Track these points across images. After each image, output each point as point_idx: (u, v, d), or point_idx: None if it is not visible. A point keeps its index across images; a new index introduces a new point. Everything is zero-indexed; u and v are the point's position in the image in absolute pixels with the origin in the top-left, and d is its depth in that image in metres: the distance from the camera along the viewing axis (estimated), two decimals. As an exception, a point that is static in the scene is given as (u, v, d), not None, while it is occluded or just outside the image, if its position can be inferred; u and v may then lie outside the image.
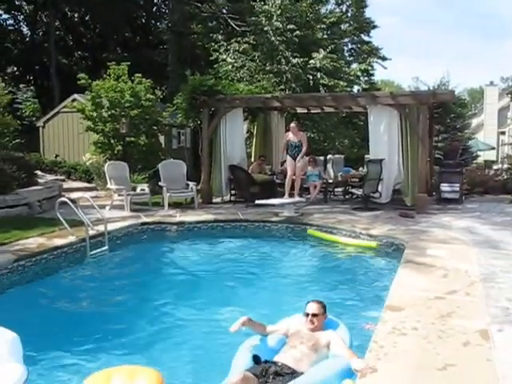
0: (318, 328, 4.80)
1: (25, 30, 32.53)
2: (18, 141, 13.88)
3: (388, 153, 12.80)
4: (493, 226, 10.45)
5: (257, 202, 12.59)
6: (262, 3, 21.19)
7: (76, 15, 32.69)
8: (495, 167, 21.37)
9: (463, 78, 66.67)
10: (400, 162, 12.76)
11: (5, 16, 30.88)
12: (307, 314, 4.83)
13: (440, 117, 17.67)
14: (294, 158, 12.69)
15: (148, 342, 5.52)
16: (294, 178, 12.81)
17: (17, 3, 30.57)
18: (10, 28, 31.37)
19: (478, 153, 27.57)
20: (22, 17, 31.83)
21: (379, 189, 12.79)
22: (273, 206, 12.20)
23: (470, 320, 5.16)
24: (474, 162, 22.55)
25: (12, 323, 3.95)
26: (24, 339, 3.82)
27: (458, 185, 13.72)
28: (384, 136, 12.84)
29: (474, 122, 44.37)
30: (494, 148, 33.42)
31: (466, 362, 4.24)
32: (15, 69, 32.23)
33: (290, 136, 12.80)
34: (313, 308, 4.86)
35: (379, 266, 8.45)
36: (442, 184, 13.84)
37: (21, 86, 29.22)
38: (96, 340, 5.46)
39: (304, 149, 12.61)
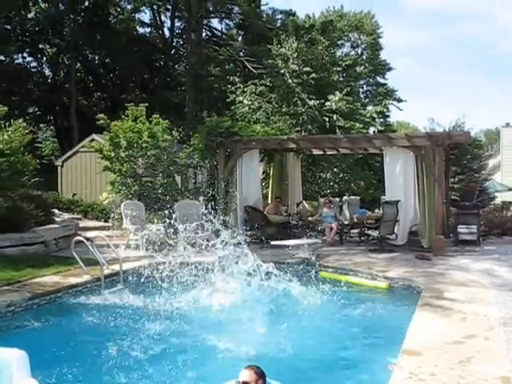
0: None
1: (47, 72, 33.31)
2: (36, 179, 14.02)
3: (404, 194, 12.76)
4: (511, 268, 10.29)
5: (273, 242, 12.57)
6: (279, 46, 21.54)
7: (96, 58, 33.46)
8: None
9: (479, 118, 66.83)
10: (416, 203, 12.72)
11: (29, 59, 31.71)
12: (238, 383, 4.31)
13: (456, 158, 17.59)
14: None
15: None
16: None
17: (40, 46, 31.38)
18: (33, 70, 32.10)
19: (495, 194, 27.39)
20: (44, 59, 32.61)
21: (395, 230, 12.71)
22: (288, 247, 12.16)
23: (491, 366, 5.04)
24: (492, 203, 22.35)
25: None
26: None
27: (475, 226, 13.58)
28: (400, 177, 12.83)
29: (491, 163, 44.12)
30: (511, 189, 33.17)
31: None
32: (36, 109, 32.89)
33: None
34: (243, 375, 4.30)
35: (396, 309, 8.30)
36: (459, 226, 13.71)
37: (41, 125, 29.88)
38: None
39: None
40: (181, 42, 35.29)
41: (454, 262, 11.03)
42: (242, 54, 30.69)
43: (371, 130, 25.99)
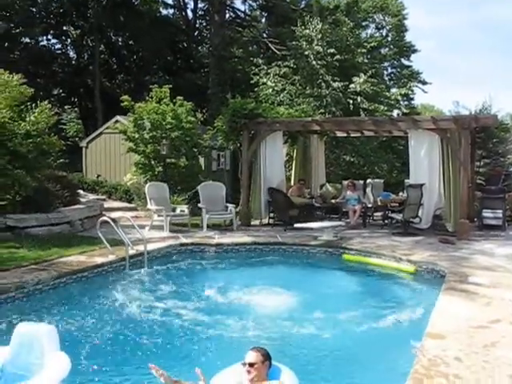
0: (259, 379, 4.31)
1: (71, 54, 33.49)
2: (61, 160, 14.18)
3: (429, 178, 12.65)
4: (538, 254, 10.17)
5: (296, 225, 12.58)
6: (303, 28, 21.35)
7: (120, 39, 33.51)
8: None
9: (506, 102, 65.60)
10: (441, 187, 12.60)
11: (53, 41, 31.89)
12: (244, 364, 4.35)
13: (482, 142, 17.36)
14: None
15: (185, 362, 5.53)
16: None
17: (64, 28, 31.52)
18: (58, 52, 32.29)
19: (521, 179, 26.98)
20: (68, 41, 32.77)
21: (419, 214, 12.62)
22: (312, 229, 12.16)
23: (516, 351, 5.01)
24: (517, 188, 22.07)
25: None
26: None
27: (500, 211, 13.40)
28: (425, 161, 12.71)
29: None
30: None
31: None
32: (61, 91, 33.12)
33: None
34: (249, 357, 4.36)
35: (420, 293, 8.29)
36: (484, 210, 13.54)
37: (66, 107, 30.07)
38: (131, 360, 5.52)
39: None
40: (204, 24, 35.14)
41: (479, 247, 10.93)
42: (265, 35, 30.48)
43: (395, 112, 25.72)
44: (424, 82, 33.90)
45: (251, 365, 4.32)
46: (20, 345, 4.34)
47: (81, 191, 15.56)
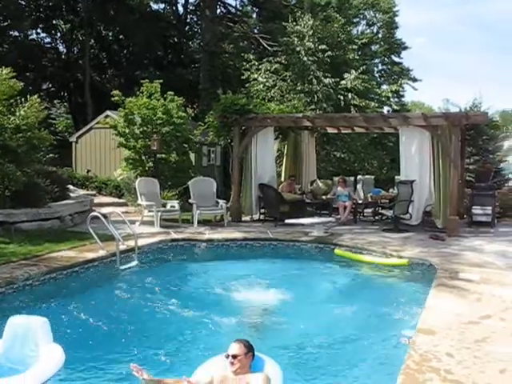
0: (243, 370, 4.37)
1: (61, 48, 33.22)
2: (51, 155, 14.09)
3: (419, 174, 12.70)
4: (527, 250, 10.24)
5: (287, 221, 12.60)
6: (294, 24, 21.32)
7: (110, 34, 33.29)
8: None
9: (494, 99, 65.99)
10: (431, 183, 12.64)
11: (42, 35, 31.63)
12: (227, 356, 4.42)
13: (472, 139, 17.41)
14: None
15: (173, 357, 5.52)
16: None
17: (54, 22, 31.26)
18: (47, 46, 32.04)
19: (510, 176, 27.12)
20: (58, 35, 32.51)
21: (410, 210, 12.67)
22: (302, 225, 12.18)
23: (506, 346, 5.04)
24: (506, 184, 22.15)
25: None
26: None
27: (490, 208, 13.47)
28: (415, 157, 12.75)
29: (506, 144, 43.71)
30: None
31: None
32: (50, 85, 32.89)
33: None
34: (232, 348, 4.43)
35: (410, 289, 8.32)
36: (473, 207, 13.62)
37: (55, 102, 29.88)
38: (119, 355, 5.52)
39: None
40: (195, 19, 34.97)
41: (469, 243, 10.99)
42: (256, 31, 30.41)
43: (385, 109, 25.76)
44: (414, 79, 34.01)
45: (234, 356, 4.37)
46: (13, 337, 4.35)
47: (71, 186, 15.45)
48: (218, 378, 4.35)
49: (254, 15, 34.40)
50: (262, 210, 14.40)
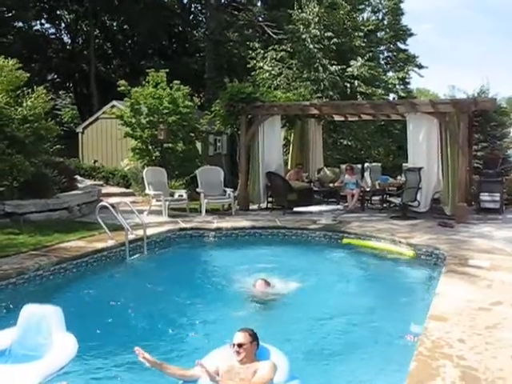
0: (249, 359, 4.40)
1: (65, 38, 33.18)
2: (58, 146, 14.11)
3: (427, 161, 12.64)
4: (535, 236, 10.20)
5: (295, 209, 12.59)
6: (299, 11, 21.16)
7: (115, 24, 33.19)
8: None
9: (501, 86, 65.61)
10: (439, 170, 12.59)
11: (47, 25, 31.57)
12: (233, 345, 4.44)
13: (480, 125, 17.33)
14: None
15: (180, 346, 5.55)
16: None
17: (58, 13, 31.19)
18: (52, 37, 31.99)
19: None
20: (63, 26, 32.46)
21: (418, 197, 12.63)
22: (310, 213, 12.17)
23: (518, 332, 5.04)
24: (513, 171, 22.10)
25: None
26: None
27: (498, 194, 13.41)
28: (423, 144, 12.68)
29: (512, 131, 43.51)
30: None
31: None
32: (55, 76, 32.87)
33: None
34: (238, 337, 4.44)
35: (420, 276, 8.33)
36: (481, 193, 13.54)
37: (60, 92, 29.86)
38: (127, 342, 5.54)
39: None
40: (199, 8, 34.81)
41: (477, 230, 10.96)
42: (261, 19, 30.20)
43: (391, 96, 25.61)
44: (420, 66, 33.75)
45: (240, 345, 4.39)
46: (27, 325, 4.41)
47: (78, 177, 15.47)
48: (224, 368, 4.36)
49: (259, 3, 34.14)
50: (270, 199, 14.39)
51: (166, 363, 4.48)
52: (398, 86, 25.99)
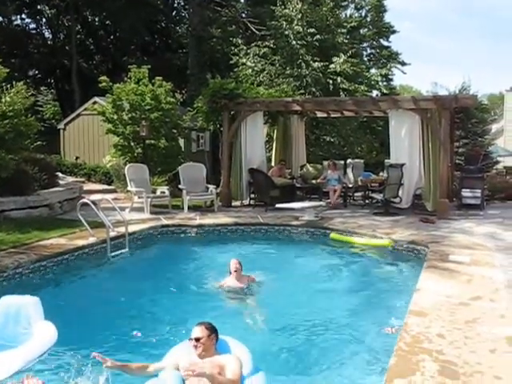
0: (208, 353, 4.34)
1: (46, 33, 32.83)
2: (39, 143, 13.96)
3: (409, 157, 12.70)
4: (516, 232, 10.31)
5: (277, 205, 12.60)
6: (283, 7, 21.15)
7: (96, 19, 32.91)
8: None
9: (483, 83, 66.30)
10: (421, 166, 12.67)
11: (28, 20, 31.21)
12: (190, 339, 4.38)
13: (461, 122, 17.45)
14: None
15: (162, 343, 5.52)
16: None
17: (39, 7, 30.84)
18: (33, 32, 31.64)
19: (498, 159, 27.25)
20: (43, 21, 32.10)
21: (400, 194, 12.70)
22: (293, 209, 12.18)
23: (496, 327, 5.08)
24: (494, 168, 22.27)
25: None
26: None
27: (479, 190, 13.55)
28: (405, 140, 12.75)
29: (494, 127, 43.87)
30: (514, 154, 32.96)
31: (494, 369, 4.16)
32: (36, 72, 32.52)
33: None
34: (195, 332, 4.39)
35: (401, 271, 8.37)
36: (463, 190, 13.67)
37: (42, 89, 29.54)
38: (110, 340, 5.53)
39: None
40: (182, 3, 34.65)
41: (458, 226, 11.05)
42: (244, 15, 30.15)
43: (374, 93, 25.71)
44: (403, 63, 33.93)
45: (197, 339, 4.34)
46: (6, 316, 4.37)
47: (59, 174, 15.34)
48: (183, 364, 4.27)
49: (242, -1, 34.13)
50: (252, 195, 14.38)
51: (127, 363, 4.44)
52: (380, 83, 26.04)
